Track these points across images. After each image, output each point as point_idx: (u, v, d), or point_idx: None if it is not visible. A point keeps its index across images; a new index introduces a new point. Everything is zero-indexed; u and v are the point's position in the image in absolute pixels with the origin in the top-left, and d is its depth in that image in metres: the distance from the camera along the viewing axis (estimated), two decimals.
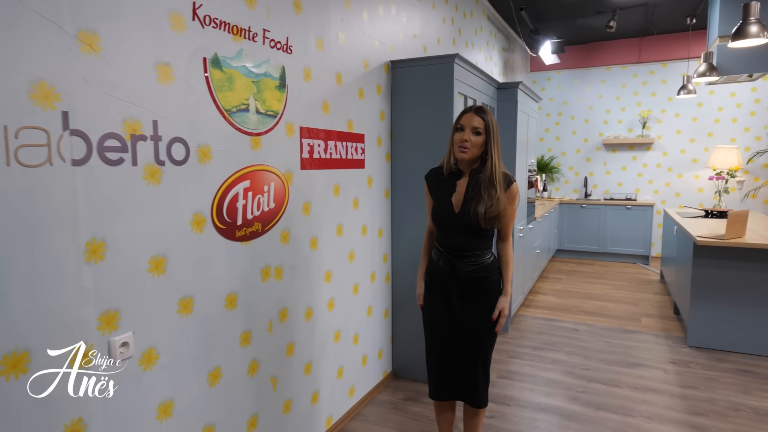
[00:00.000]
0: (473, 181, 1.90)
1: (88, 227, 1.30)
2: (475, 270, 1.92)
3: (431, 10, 3.56)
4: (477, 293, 1.95)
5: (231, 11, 1.73)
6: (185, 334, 1.62)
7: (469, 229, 1.89)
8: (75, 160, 1.25)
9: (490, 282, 1.96)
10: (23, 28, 1.13)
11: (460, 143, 1.86)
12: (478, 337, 1.96)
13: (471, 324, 1.95)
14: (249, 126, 1.84)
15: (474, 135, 1.85)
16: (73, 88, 1.24)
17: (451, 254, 1.93)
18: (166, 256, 1.53)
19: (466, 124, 1.86)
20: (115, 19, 1.33)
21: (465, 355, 1.98)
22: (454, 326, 1.97)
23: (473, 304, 1.95)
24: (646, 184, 7.02)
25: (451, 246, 1.94)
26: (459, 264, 1.92)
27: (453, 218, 1.91)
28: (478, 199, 1.86)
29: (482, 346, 1.97)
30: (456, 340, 1.98)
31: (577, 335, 4.00)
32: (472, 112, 1.88)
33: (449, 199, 1.93)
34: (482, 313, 1.95)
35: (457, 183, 1.94)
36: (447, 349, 2.01)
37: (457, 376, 2.03)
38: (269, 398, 2.05)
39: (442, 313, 1.99)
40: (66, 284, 1.25)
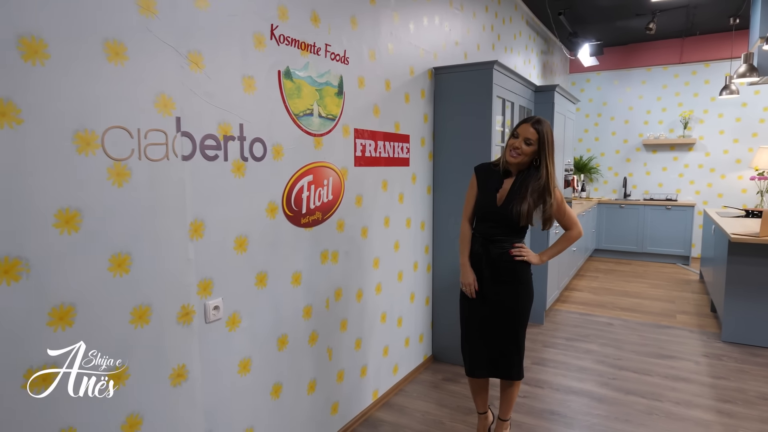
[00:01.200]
0: (519, 182, 2.11)
1: (192, 210, 1.61)
2: (505, 254, 2.14)
3: (472, 18, 3.78)
4: (506, 276, 2.16)
5: (300, 30, 2.02)
6: (261, 304, 1.92)
7: (505, 223, 2.12)
8: (184, 156, 1.57)
9: (520, 268, 2.16)
10: (151, 52, 1.45)
11: (511, 148, 2.07)
12: (512, 316, 2.18)
13: (503, 304, 2.17)
14: (312, 128, 2.13)
15: (525, 144, 2.04)
16: (184, 98, 1.55)
17: (486, 239, 2.17)
18: (247, 237, 1.83)
19: (521, 133, 2.05)
20: (214, 42, 1.64)
21: (499, 333, 2.20)
22: (487, 306, 2.20)
23: (504, 286, 2.17)
24: (688, 185, 6.98)
25: (486, 233, 2.17)
26: (491, 247, 2.15)
27: (493, 210, 2.13)
28: (522, 199, 2.06)
29: (515, 323, 2.19)
30: (490, 319, 2.20)
31: (611, 329, 4.13)
32: (529, 124, 2.06)
33: (495, 193, 2.15)
34: (513, 294, 2.17)
35: (504, 181, 2.16)
36: (481, 327, 2.23)
37: (492, 353, 2.24)
38: (325, 366, 2.34)
39: (477, 295, 2.21)
40: (176, 255, 1.57)
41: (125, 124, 1.38)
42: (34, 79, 1.18)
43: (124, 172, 1.39)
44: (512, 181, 2.14)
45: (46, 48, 1.20)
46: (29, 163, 1.18)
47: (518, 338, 2.22)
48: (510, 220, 2.10)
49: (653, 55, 7.02)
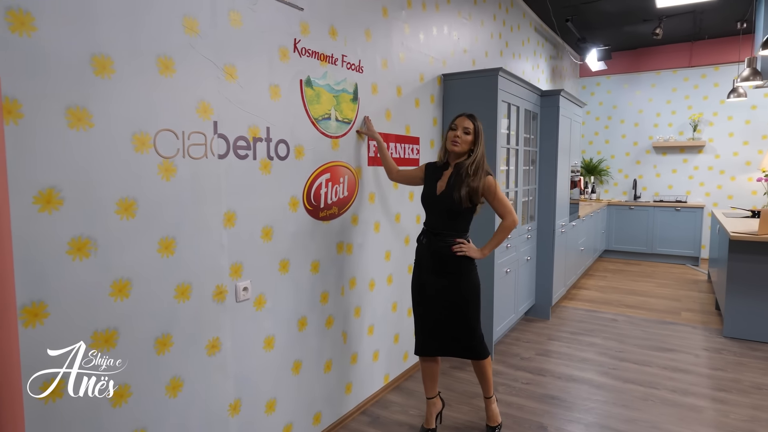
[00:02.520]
0: (456, 172, 2.30)
1: (226, 202, 1.84)
2: (446, 246, 2.30)
3: (480, 27, 3.99)
4: (448, 268, 2.32)
5: (319, 43, 2.25)
6: (283, 288, 2.15)
7: (447, 210, 2.28)
8: (220, 155, 1.81)
9: (459, 259, 2.31)
10: (194, 65, 1.69)
11: (452, 139, 2.29)
12: (457, 305, 2.33)
13: (445, 295, 2.33)
14: (330, 131, 2.36)
15: (464, 134, 2.27)
16: (220, 105, 1.79)
17: (430, 232, 2.35)
18: (272, 227, 2.06)
19: (459, 125, 2.29)
20: (246, 56, 1.88)
21: (448, 320, 2.36)
22: (428, 295, 2.37)
23: (445, 278, 2.33)
24: (698, 187, 7.07)
25: (432, 225, 2.36)
26: (434, 240, 2.33)
27: (435, 199, 2.32)
28: (460, 184, 2.24)
29: (463, 311, 2.34)
30: (435, 308, 2.36)
31: (615, 324, 4.29)
32: (465, 117, 2.31)
33: (435, 184, 2.35)
34: (455, 285, 2.32)
35: (443, 173, 2.37)
36: (431, 315, 2.39)
37: (445, 337, 2.39)
38: (340, 349, 2.56)
39: (420, 285, 2.40)
40: (212, 241, 1.80)
41: (172, 127, 1.63)
42: (102, 90, 1.43)
43: (171, 168, 1.63)
44: (450, 173, 2.33)
45: (112, 64, 1.45)
46: (98, 160, 1.43)
47: (469, 323, 2.35)
48: (450, 208, 2.26)
49: (662, 58, 7.14)
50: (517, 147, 3.75)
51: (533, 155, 4.19)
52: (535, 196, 4.27)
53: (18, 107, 1.26)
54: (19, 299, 1.27)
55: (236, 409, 1.95)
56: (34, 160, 1.30)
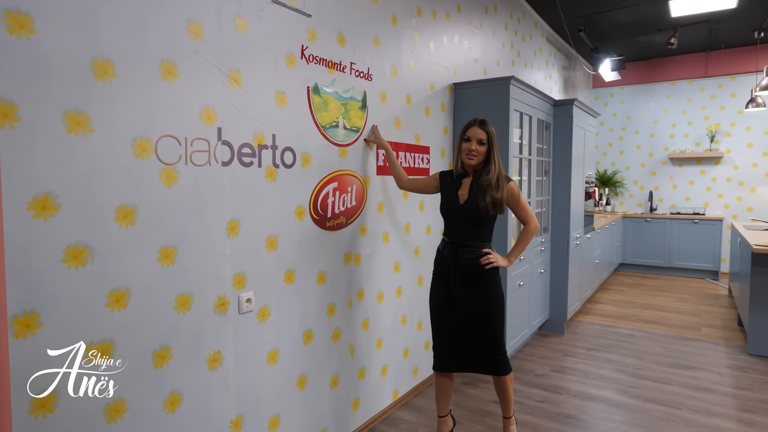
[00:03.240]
0: (476, 181, 2.24)
1: (229, 210, 1.79)
2: (473, 258, 2.23)
3: (491, 36, 3.95)
4: (475, 279, 2.25)
5: (327, 50, 2.21)
6: (288, 299, 2.09)
7: (470, 219, 2.22)
8: (224, 162, 1.76)
9: (488, 271, 2.25)
10: (198, 71, 1.66)
11: (467, 152, 2.21)
12: (484, 318, 2.26)
13: (473, 308, 2.25)
14: (338, 139, 2.31)
15: (479, 145, 2.20)
16: (225, 111, 1.75)
17: (455, 243, 2.27)
18: (277, 237, 2.01)
19: (473, 136, 2.20)
20: (251, 61, 1.85)
21: (474, 334, 2.28)
22: (457, 310, 2.27)
23: (472, 290, 2.25)
24: (716, 199, 6.91)
25: (454, 235, 2.28)
26: (460, 252, 2.25)
27: (457, 209, 2.25)
28: (483, 193, 2.19)
29: (489, 324, 2.26)
30: (462, 322, 2.28)
31: (633, 340, 4.15)
32: (476, 126, 2.22)
33: (455, 193, 2.28)
34: (482, 297, 2.25)
35: (462, 182, 2.30)
36: (454, 329, 2.30)
37: (469, 353, 2.31)
38: (347, 363, 2.48)
39: (446, 298, 2.30)
40: (215, 250, 1.75)
41: (175, 133, 1.59)
42: (103, 94, 1.39)
43: (173, 175, 1.59)
44: (470, 181, 2.27)
45: (113, 68, 1.41)
46: (97, 165, 1.39)
47: (495, 337, 2.28)
48: (475, 215, 2.20)
49: (677, 69, 7.04)
50: (529, 157, 3.67)
51: (546, 165, 4.11)
52: (548, 207, 4.18)
53: (15, 110, 1.23)
54: (10, 309, 1.22)
55: (238, 425, 1.88)
56: (30, 165, 1.26)
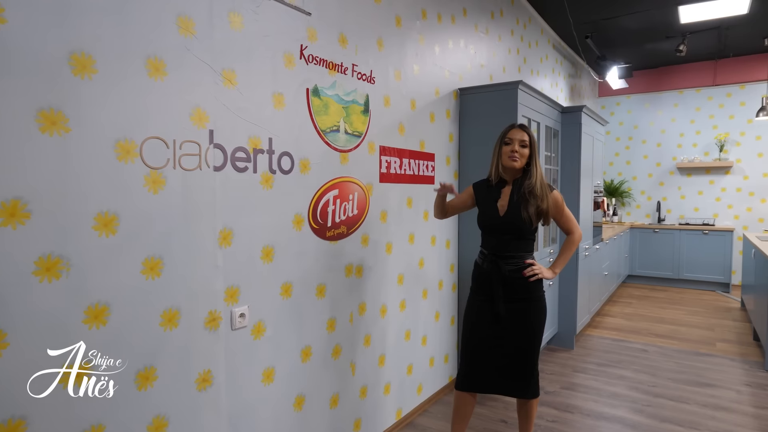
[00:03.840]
0: (517, 189, 2.12)
1: (222, 218, 1.67)
2: (517, 270, 2.10)
3: (497, 41, 3.85)
4: (519, 293, 2.12)
5: (328, 50, 2.11)
6: (285, 314, 1.96)
7: (512, 231, 2.10)
8: (216, 167, 1.64)
9: (533, 283, 2.12)
10: (188, 69, 1.54)
11: (509, 154, 2.10)
12: (526, 334, 2.13)
13: (517, 323, 2.12)
14: (339, 144, 2.20)
15: (521, 147, 2.09)
16: (217, 113, 1.64)
17: (495, 255, 2.13)
18: (274, 247, 1.88)
19: (514, 137, 2.10)
20: (247, 60, 1.74)
21: (513, 352, 2.13)
22: (500, 327, 2.13)
23: (517, 304, 2.12)
24: (726, 209, 6.76)
25: (495, 247, 2.14)
26: (503, 264, 2.11)
27: (498, 221, 2.12)
28: (526, 203, 2.07)
29: (530, 342, 2.14)
30: (503, 338, 2.13)
31: (645, 355, 3.99)
32: (518, 128, 2.13)
33: (495, 204, 2.15)
34: (527, 312, 2.12)
35: (501, 191, 2.17)
36: (493, 346, 2.15)
37: (504, 372, 2.16)
38: (348, 381, 2.34)
39: (486, 315, 2.15)
40: (205, 262, 1.63)
41: (162, 135, 1.47)
42: (82, 92, 1.28)
43: (159, 180, 1.47)
44: (509, 190, 2.15)
45: (94, 64, 1.30)
46: (74, 169, 1.27)
47: (534, 357, 2.17)
48: (518, 227, 2.09)
49: (685, 77, 6.93)
50: None
51: (554, 174, 3.99)
52: None
53: None
54: None
55: None
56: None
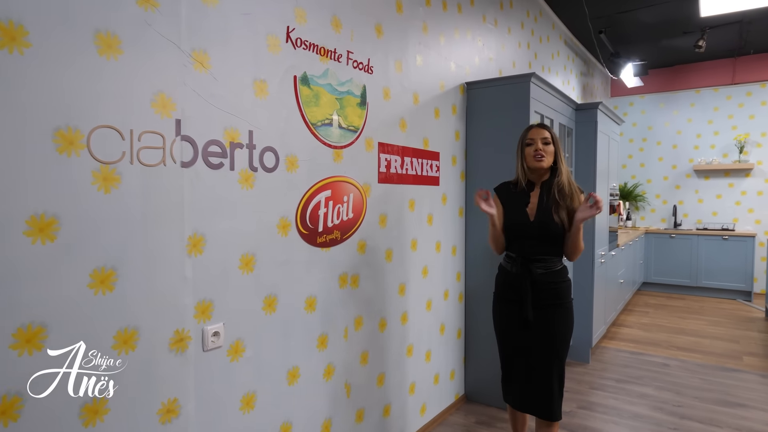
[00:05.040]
0: (546, 192, 2.00)
1: (191, 223, 1.45)
2: (548, 274, 1.98)
3: (507, 34, 3.61)
4: (550, 299, 1.99)
5: (319, 34, 1.88)
6: (269, 331, 1.73)
7: (544, 237, 1.98)
8: (184, 162, 1.42)
9: (562, 288, 2.00)
10: (150, 48, 1.32)
11: (534, 154, 1.98)
12: (553, 344, 1.98)
13: (544, 330, 1.98)
14: (332, 139, 1.97)
15: (544, 144, 1.99)
16: (186, 100, 1.42)
17: (526, 259, 1.99)
18: (255, 255, 1.65)
19: (536, 137, 2.01)
20: (223, 41, 1.51)
21: (539, 365, 1.99)
22: (528, 334, 2.00)
23: (547, 310, 1.98)
24: (746, 213, 6.45)
25: (524, 251, 2.00)
26: (533, 267, 1.97)
27: (529, 225, 1.99)
28: (557, 205, 1.95)
29: (557, 352, 1.98)
30: (530, 349, 2.01)
31: (667, 370, 3.71)
32: (536, 127, 2.03)
33: (524, 208, 2.02)
34: (554, 319, 1.98)
35: (530, 194, 2.04)
36: (519, 357, 2.04)
37: (529, 389, 2.03)
38: (343, 405, 2.10)
39: (514, 320, 2.03)
40: (171, 273, 1.40)
41: (116, 124, 1.25)
42: (10, 68, 1.06)
43: (112, 177, 1.24)
44: (538, 193, 2.03)
45: (26, 36, 1.08)
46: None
47: (560, 368, 2.00)
48: (550, 231, 1.97)
49: (702, 76, 6.65)
50: None
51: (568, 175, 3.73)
52: None
53: None
54: None
55: None
56: None
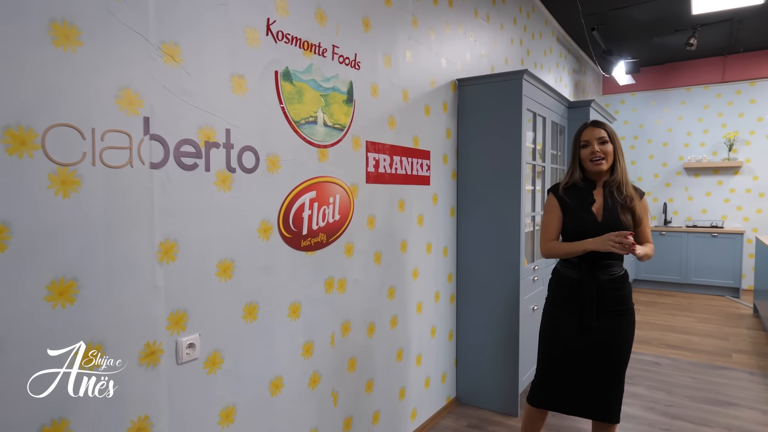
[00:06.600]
0: (608, 192, 1.92)
1: (162, 228, 1.35)
2: (613, 280, 1.90)
3: (499, 30, 3.53)
4: (615, 305, 1.90)
5: (302, 27, 1.79)
6: (249, 341, 1.63)
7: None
8: (153, 164, 1.32)
9: (625, 294, 1.93)
10: (114, 39, 1.22)
11: (590, 157, 1.90)
12: (618, 351, 1.92)
13: (608, 338, 1.91)
14: (316, 138, 1.87)
15: (601, 144, 1.89)
16: (155, 96, 1.32)
17: (592, 264, 1.89)
18: (233, 261, 1.56)
19: (591, 138, 1.91)
20: (195, 32, 1.41)
21: (600, 370, 1.93)
22: (589, 339, 1.91)
23: (610, 319, 1.90)
24: (735, 211, 6.46)
25: (590, 256, 1.89)
26: (600, 273, 1.89)
27: (597, 227, 1.88)
28: (622, 207, 1.89)
29: (620, 359, 1.93)
30: (591, 354, 1.92)
31: (658, 369, 3.68)
32: (591, 127, 1.93)
33: (590, 209, 1.91)
34: (619, 327, 1.91)
35: (593, 193, 1.94)
36: (577, 362, 1.95)
37: (588, 392, 1.96)
38: (329, 414, 2.02)
39: (572, 328, 1.94)
40: (140, 282, 1.30)
41: (75, 122, 1.15)
42: None
43: (71, 180, 1.14)
44: (601, 193, 1.94)
45: None
46: None
47: (622, 375, 1.95)
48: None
49: (692, 74, 6.63)
50: (543, 164, 3.24)
51: (561, 174, 3.67)
52: None
53: None
54: None
55: None
56: None
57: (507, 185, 2.79)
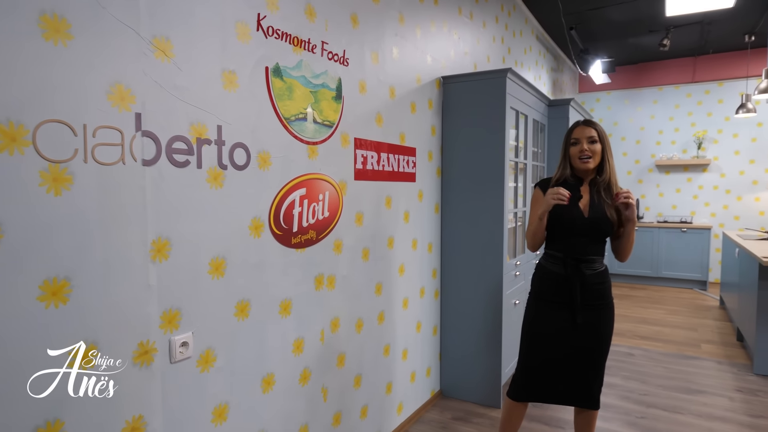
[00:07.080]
0: (594, 189, 1.96)
1: (155, 226, 1.33)
2: (595, 275, 1.94)
3: (482, 28, 3.57)
4: (596, 298, 1.96)
5: (292, 23, 1.77)
6: (241, 338, 1.63)
7: (596, 234, 1.93)
8: (145, 160, 1.30)
9: (606, 288, 1.98)
10: (105, 33, 1.19)
11: (579, 155, 1.94)
12: (600, 341, 1.98)
13: (596, 331, 1.97)
14: (306, 135, 1.87)
15: (590, 143, 1.93)
16: (147, 91, 1.29)
17: (576, 259, 1.93)
18: (225, 259, 1.55)
19: (581, 136, 1.94)
20: (187, 27, 1.39)
21: (584, 359, 1.99)
22: (574, 334, 1.97)
23: (593, 311, 1.96)
24: (703, 207, 6.69)
25: (575, 250, 1.94)
26: (584, 267, 1.93)
27: (583, 222, 1.92)
28: (607, 204, 1.92)
29: (602, 349, 2.00)
30: (577, 346, 1.98)
31: (632, 359, 3.80)
32: (582, 126, 1.97)
33: (577, 203, 1.95)
34: (601, 318, 1.97)
35: (581, 190, 1.98)
36: (559, 356, 2.00)
37: (571, 381, 2.02)
38: (320, 409, 2.02)
39: (558, 321, 1.98)
40: (132, 280, 1.28)
41: (67, 118, 1.12)
42: None
43: (63, 177, 1.12)
44: (588, 190, 1.99)
45: None
46: None
47: (602, 365, 2.04)
48: (603, 228, 1.93)
49: (664, 74, 6.82)
50: (525, 161, 3.29)
51: (541, 171, 3.74)
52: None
53: None
54: None
55: None
56: None
57: (490, 182, 2.83)
